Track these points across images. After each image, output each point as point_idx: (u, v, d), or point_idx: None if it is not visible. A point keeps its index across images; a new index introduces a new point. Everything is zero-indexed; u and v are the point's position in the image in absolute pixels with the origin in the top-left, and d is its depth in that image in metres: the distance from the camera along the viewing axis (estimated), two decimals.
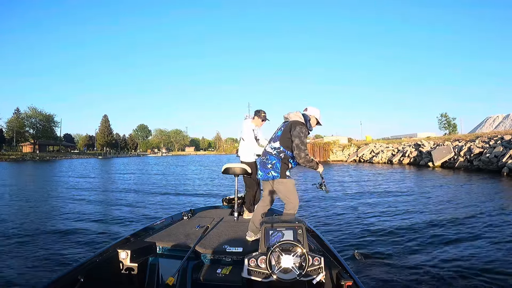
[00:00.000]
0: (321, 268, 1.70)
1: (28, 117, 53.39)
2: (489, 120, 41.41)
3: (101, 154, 61.21)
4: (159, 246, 2.22)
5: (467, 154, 15.63)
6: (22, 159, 40.48)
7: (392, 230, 4.40)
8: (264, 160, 2.33)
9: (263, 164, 2.34)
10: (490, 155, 13.72)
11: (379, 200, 7.12)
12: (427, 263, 3.13)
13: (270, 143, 2.36)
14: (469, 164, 15.16)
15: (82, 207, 6.65)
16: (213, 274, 1.94)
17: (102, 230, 4.67)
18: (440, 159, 16.94)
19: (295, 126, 2.24)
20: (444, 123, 40.12)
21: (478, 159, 14.67)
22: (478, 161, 14.55)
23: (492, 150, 13.96)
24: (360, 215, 5.52)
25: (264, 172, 2.30)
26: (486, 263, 3.09)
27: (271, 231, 1.87)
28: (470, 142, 16.85)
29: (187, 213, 3.10)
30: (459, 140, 19.25)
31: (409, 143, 23.79)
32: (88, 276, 1.67)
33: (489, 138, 16.47)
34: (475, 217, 5.07)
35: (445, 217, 5.14)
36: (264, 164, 2.31)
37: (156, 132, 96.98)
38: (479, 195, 7.43)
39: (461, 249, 3.54)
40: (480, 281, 2.72)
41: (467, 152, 15.75)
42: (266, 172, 2.28)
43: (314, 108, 2.48)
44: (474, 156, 15.07)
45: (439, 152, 17.49)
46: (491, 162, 13.56)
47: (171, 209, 6.37)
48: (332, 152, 28.67)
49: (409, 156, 20.77)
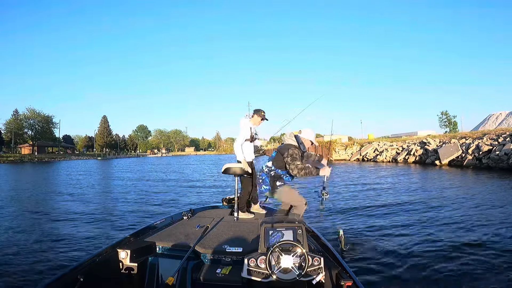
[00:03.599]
0: (321, 268, 1.72)
1: (27, 118, 53.76)
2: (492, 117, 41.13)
3: (101, 155, 61.57)
4: (159, 246, 2.24)
5: (476, 152, 15.50)
6: (20, 161, 40.79)
7: (394, 231, 4.41)
8: (258, 177, 2.79)
9: (258, 180, 2.79)
10: (500, 152, 13.61)
11: (387, 198, 7.11)
12: (428, 264, 3.14)
13: (265, 163, 2.80)
14: (477, 162, 15.04)
15: (81, 207, 6.71)
16: (213, 274, 1.96)
17: (102, 230, 4.72)
18: (447, 157, 16.83)
19: (287, 149, 2.68)
20: (445, 121, 40.24)
21: (487, 157, 14.55)
22: (487, 159, 14.44)
23: (502, 147, 13.84)
24: (364, 213, 5.53)
25: (259, 187, 2.75)
26: (494, 267, 3.08)
27: (270, 231, 1.89)
28: (478, 140, 16.71)
29: (187, 213, 3.13)
30: (465, 137, 19.10)
31: (413, 141, 23.67)
32: (88, 275, 1.70)
33: (497, 136, 16.32)
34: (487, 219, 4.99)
35: (453, 217, 5.13)
36: (258, 180, 2.79)
37: (156, 132, 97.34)
38: (494, 195, 7.32)
39: (466, 251, 3.53)
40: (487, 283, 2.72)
41: (476, 149, 15.63)
42: (260, 186, 2.72)
43: (309, 130, 2.90)
44: (482, 154, 14.95)
45: (446, 150, 17.37)
46: (501, 160, 13.45)
47: (171, 209, 6.42)
48: (335, 151, 28.59)
49: (414, 155, 20.66)
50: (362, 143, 28.94)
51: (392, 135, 39.39)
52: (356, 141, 30.84)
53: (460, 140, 18.34)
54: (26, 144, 55.63)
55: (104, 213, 6.09)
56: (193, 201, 7.70)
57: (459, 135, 21.91)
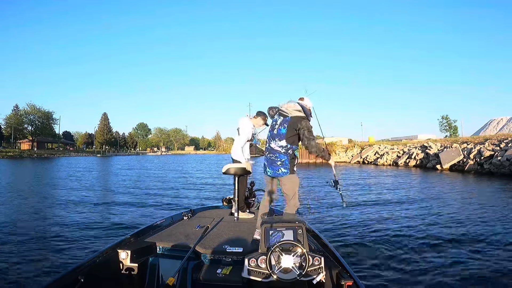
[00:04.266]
0: (321, 268, 1.73)
1: (27, 114, 53.89)
2: (492, 122, 41.14)
3: (100, 152, 61.62)
4: (159, 246, 2.25)
5: (477, 157, 15.50)
6: (19, 156, 40.88)
7: (395, 232, 4.42)
8: (272, 158, 2.39)
9: (272, 161, 2.40)
10: (502, 158, 13.60)
11: (388, 200, 7.12)
12: (429, 264, 3.17)
13: (274, 140, 2.40)
14: (479, 168, 15.03)
15: (81, 207, 6.72)
16: (213, 274, 1.97)
17: (102, 230, 4.74)
18: (448, 161, 16.83)
19: (300, 122, 2.32)
20: (445, 125, 40.53)
21: (489, 162, 14.54)
22: (489, 164, 14.43)
23: (504, 153, 13.83)
24: (365, 213, 5.54)
25: (273, 170, 2.37)
26: (493, 270, 3.10)
27: (271, 231, 1.90)
28: (480, 145, 16.71)
29: (187, 213, 3.15)
30: (467, 142, 19.09)
31: (414, 144, 23.67)
32: (88, 276, 1.70)
33: (499, 141, 16.32)
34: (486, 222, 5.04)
35: (455, 220, 5.14)
36: (273, 162, 2.38)
37: (156, 130, 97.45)
38: (494, 199, 7.35)
39: (466, 253, 3.54)
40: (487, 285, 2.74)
41: (477, 155, 15.62)
42: (275, 170, 2.35)
43: (307, 98, 2.53)
44: (484, 159, 14.94)
45: (448, 155, 17.37)
46: (503, 166, 13.44)
47: (171, 209, 6.43)
48: (335, 153, 28.57)
49: (415, 158, 20.65)
50: (363, 145, 28.93)
51: (392, 138, 39.53)
52: (357, 143, 30.84)
53: (461, 145, 18.33)
54: (26, 140, 55.75)
55: (104, 213, 6.10)
56: (193, 201, 7.72)
57: (460, 139, 21.90)
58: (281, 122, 2.41)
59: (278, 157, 2.36)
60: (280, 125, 2.40)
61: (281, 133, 2.36)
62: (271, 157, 2.41)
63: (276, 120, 2.47)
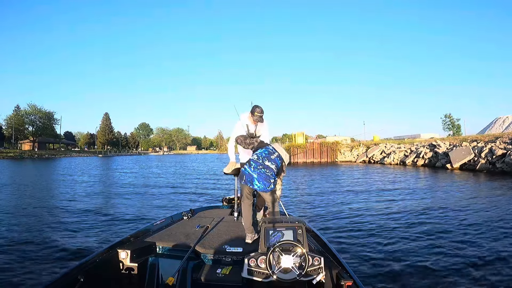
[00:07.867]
0: (321, 268, 1.75)
1: (28, 114, 54.60)
2: (498, 120, 40.40)
3: (102, 152, 62.23)
4: (159, 246, 2.28)
5: (489, 155, 15.27)
6: (20, 157, 41.43)
7: (395, 231, 4.44)
8: (268, 174, 2.62)
9: (266, 177, 2.61)
10: None
11: (390, 200, 7.07)
12: (429, 265, 3.17)
13: (270, 162, 2.70)
14: (491, 167, 14.81)
15: (81, 207, 6.81)
16: (213, 274, 2.00)
17: (102, 230, 4.80)
18: (458, 160, 16.62)
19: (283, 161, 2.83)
20: (448, 124, 40.58)
21: (501, 161, 14.31)
22: (502, 163, 14.20)
23: None
24: (365, 214, 5.52)
25: (265, 185, 2.60)
26: (495, 273, 3.07)
27: (271, 231, 1.92)
28: (491, 143, 16.47)
29: (187, 213, 3.18)
30: (476, 140, 18.83)
31: (422, 143, 23.42)
32: (88, 276, 1.73)
33: (510, 139, 16.07)
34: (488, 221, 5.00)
35: (457, 220, 5.10)
36: (268, 178, 2.62)
37: (158, 130, 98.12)
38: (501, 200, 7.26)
39: (468, 254, 3.52)
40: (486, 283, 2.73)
41: (489, 153, 15.40)
42: (267, 186, 2.59)
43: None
44: (496, 157, 14.72)
45: (458, 153, 17.15)
46: None
47: (171, 209, 6.49)
48: (340, 153, 28.43)
49: (423, 157, 20.44)
50: (368, 144, 28.74)
51: (395, 137, 39.42)
52: (362, 142, 30.63)
53: (471, 143, 18.09)
54: (27, 140, 56.52)
55: (104, 213, 6.18)
56: (193, 201, 7.78)
57: (469, 138, 21.60)
58: (276, 156, 2.73)
59: (272, 175, 2.64)
60: (278, 157, 2.73)
61: (277, 163, 2.72)
62: (266, 173, 2.61)
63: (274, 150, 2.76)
